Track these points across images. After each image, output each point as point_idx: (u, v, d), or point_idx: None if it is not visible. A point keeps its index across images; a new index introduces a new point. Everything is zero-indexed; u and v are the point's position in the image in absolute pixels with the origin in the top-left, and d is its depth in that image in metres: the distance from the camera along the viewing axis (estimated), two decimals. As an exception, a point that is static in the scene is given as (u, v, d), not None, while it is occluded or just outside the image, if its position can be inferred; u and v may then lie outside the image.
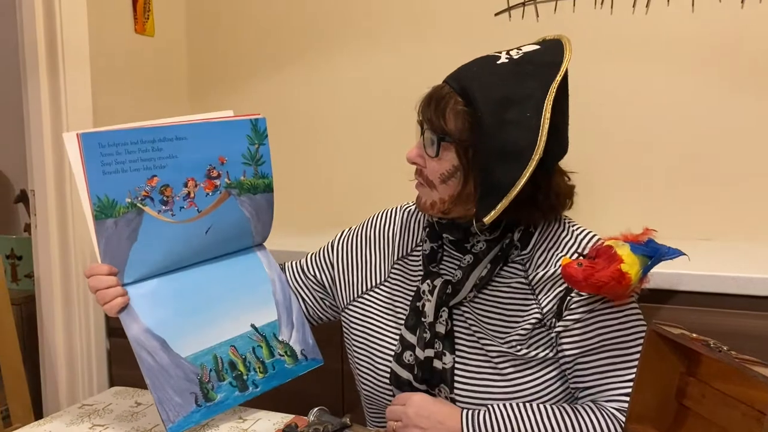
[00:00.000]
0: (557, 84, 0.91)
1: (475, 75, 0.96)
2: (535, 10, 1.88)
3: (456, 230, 1.04)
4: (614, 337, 0.97)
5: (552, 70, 0.92)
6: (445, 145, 0.97)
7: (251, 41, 2.25)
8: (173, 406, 0.99)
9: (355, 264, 1.18)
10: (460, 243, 1.04)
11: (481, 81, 0.94)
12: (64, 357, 1.86)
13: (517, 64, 0.95)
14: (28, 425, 1.11)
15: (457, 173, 0.98)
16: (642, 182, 1.83)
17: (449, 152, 0.98)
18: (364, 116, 2.11)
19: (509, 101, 0.91)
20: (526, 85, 0.92)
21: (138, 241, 1.01)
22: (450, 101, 0.96)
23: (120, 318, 1.01)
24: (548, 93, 0.90)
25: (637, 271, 0.91)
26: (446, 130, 0.96)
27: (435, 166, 0.99)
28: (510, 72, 0.94)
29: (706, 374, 0.83)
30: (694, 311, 1.33)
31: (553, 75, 0.92)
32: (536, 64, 0.94)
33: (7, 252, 2.17)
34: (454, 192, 0.99)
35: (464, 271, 1.02)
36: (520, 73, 0.93)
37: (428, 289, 1.05)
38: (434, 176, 1.00)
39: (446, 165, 0.98)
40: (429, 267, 1.07)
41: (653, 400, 0.86)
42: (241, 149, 1.11)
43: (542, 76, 0.92)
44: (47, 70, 1.79)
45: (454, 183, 0.98)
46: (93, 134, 0.95)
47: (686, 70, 1.76)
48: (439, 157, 0.98)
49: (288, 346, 1.15)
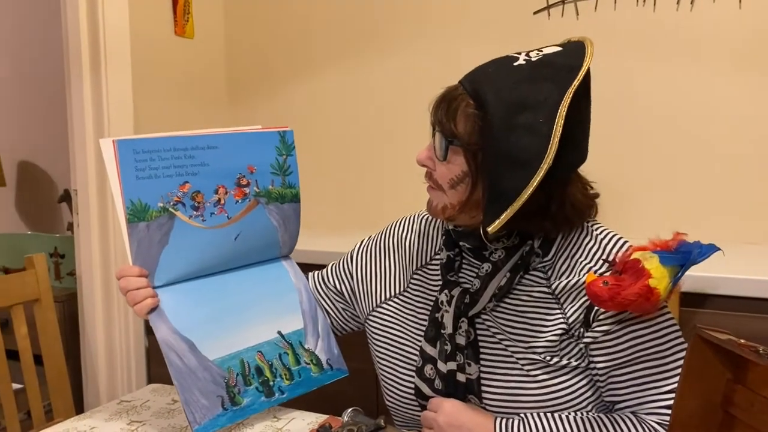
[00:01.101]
0: (574, 89, 0.86)
1: (489, 77, 0.91)
2: (575, 9, 1.85)
3: (473, 238, 1.00)
4: (648, 347, 0.92)
5: (570, 75, 0.87)
6: (454, 149, 0.94)
7: (288, 43, 2.27)
8: (200, 408, 1.00)
9: (374, 274, 1.16)
10: (478, 251, 1.01)
11: (495, 83, 0.90)
12: (104, 354, 1.90)
13: (534, 66, 0.90)
14: (69, 419, 1.13)
15: (466, 179, 0.94)
16: (687, 183, 1.78)
17: (458, 156, 0.94)
18: (397, 118, 2.11)
19: (522, 105, 0.87)
20: (541, 90, 0.87)
21: (169, 245, 1.03)
22: (461, 103, 0.92)
23: (149, 319, 1.03)
24: (564, 98, 0.85)
25: (667, 284, 0.86)
26: (455, 133, 0.93)
27: (444, 170, 0.96)
28: (526, 75, 0.89)
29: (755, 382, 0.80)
30: (735, 316, 1.29)
31: (571, 79, 0.86)
32: (554, 67, 0.89)
33: (50, 250, 2.23)
34: (462, 198, 0.95)
35: (482, 280, 0.98)
36: (537, 77, 0.88)
37: (446, 299, 1.01)
38: (443, 180, 0.96)
39: (455, 170, 0.95)
40: (447, 276, 1.03)
41: (697, 408, 0.83)
42: (270, 159, 1.13)
43: (560, 80, 0.87)
44: (90, 74, 1.83)
45: (463, 189, 0.95)
46: (128, 141, 0.98)
47: (734, 69, 1.71)
48: (448, 161, 0.95)
49: (314, 354, 1.15)
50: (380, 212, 2.15)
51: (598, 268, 0.95)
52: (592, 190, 1.00)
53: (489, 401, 0.98)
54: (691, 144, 1.77)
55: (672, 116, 1.78)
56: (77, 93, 1.83)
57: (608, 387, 0.95)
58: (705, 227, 1.77)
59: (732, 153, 1.73)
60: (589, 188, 0.99)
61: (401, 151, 2.11)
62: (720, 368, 0.82)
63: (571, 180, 0.95)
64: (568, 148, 0.87)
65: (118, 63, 1.85)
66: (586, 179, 1.00)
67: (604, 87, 1.84)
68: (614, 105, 1.82)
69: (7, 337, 1.50)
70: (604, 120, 1.86)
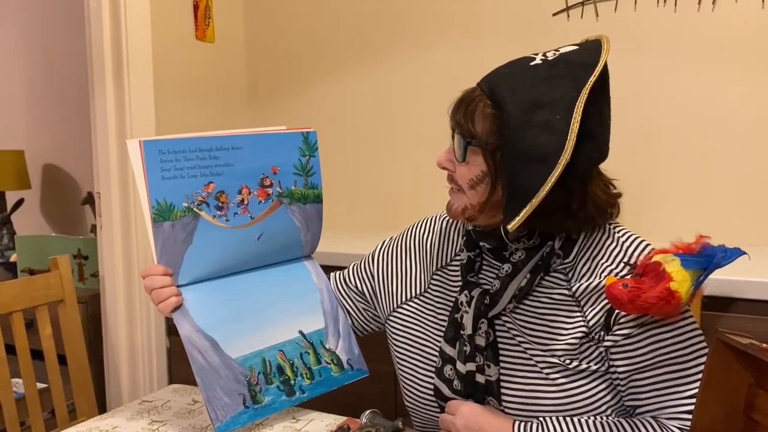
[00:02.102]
0: (591, 85, 0.86)
1: (506, 77, 0.92)
2: (594, 10, 1.84)
3: (493, 238, 1.00)
4: (670, 351, 0.91)
5: (587, 71, 0.88)
6: (473, 149, 0.94)
7: (308, 46, 2.28)
8: (222, 406, 1.01)
9: (395, 274, 1.17)
10: (498, 251, 1.01)
11: (512, 83, 0.90)
12: (126, 354, 1.92)
13: (550, 65, 0.90)
14: (92, 419, 1.15)
15: (486, 179, 0.94)
16: (712, 185, 1.76)
17: (477, 156, 0.94)
18: (417, 119, 2.11)
19: (539, 104, 0.87)
20: (557, 87, 0.87)
21: (193, 245, 1.04)
22: (479, 104, 0.93)
23: (173, 317, 1.04)
24: (581, 95, 0.86)
25: (689, 288, 0.86)
26: (474, 134, 0.94)
27: (464, 171, 0.96)
28: (542, 74, 0.90)
29: (778, 387, 0.79)
30: (760, 320, 1.27)
31: (587, 76, 0.87)
32: (571, 65, 0.89)
33: (74, 252, 2.26)
34: (482, 198, 0.95)
35: (502, 281, 0.98)
36: (553, 75, 0.89)
37: (466, 300, 1.02)
38: (463, 182, 0.97)
39: (475, 170, 0.95)
40: (467, 277, 1.04)
41: (719, 413, 0.82)
42: (293, 160, 1.14)
43: (576, 77, 0.87)
44: (113, 78, 1.85)
45: (483, 189, 0.95)
46: (154, 141, 1.00)
47: (758, 70, 1.69)
48: (467, 162, 0.96)
49: (334, 354, 1.16)
50: (399, 214, 2.15)
51: (619, 271, 0.95)
52: (615, 189, 0.99)
53: (508, 404, 0.98)
54: (714, 145, 1.75)
55: (695, 118, 1.76)
56: (100, 96, 1.86)
57: (629, 391, 0.94)
58: (730, 230, 1.74)
59: (756, 154, 1.70)
60: (611, 187, 0.99)
61: (420, 153, 2.11)
62: (742, 372, 0.81)
63: (591, 177, 0.95)
64: (586, 144, 0.87)
65: (141, 67, 1.88)
66: (607, 177, 0.99)
67: (624, 88, 1.82)
68: (634, 106, 1.81)
69: (31, 337, 1.53)
70: (624, 121, 1.85)
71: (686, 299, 0.86)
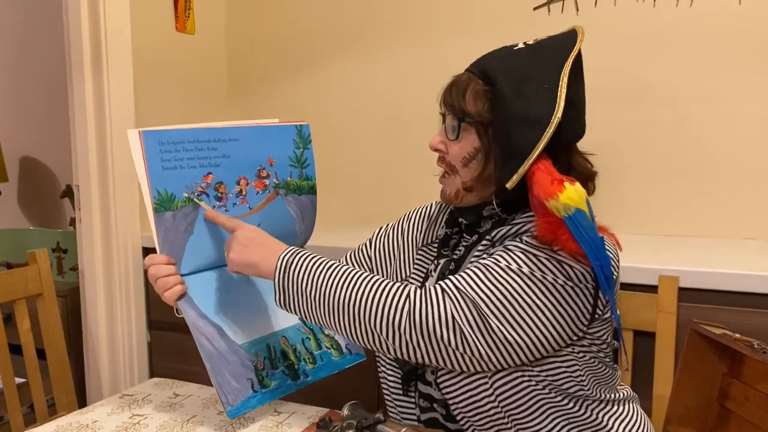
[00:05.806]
0: (572, 60, 0.94)
1: (494, 59, 1.00)
2: (575, 4, 1.85)
3: (470, 213, 1.04)
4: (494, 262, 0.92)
5: (566, 52, 0.96)
6: (466, 127, 1.00)
7: (290, 38, 2.27)
8: (232, 390, 1.04)
9: (390, 257, 1.21)
10: (473, 227, 1.06)
11: (501, 64, 0.98)
12: (106, 348, 1.91)
13: (533, 48, 0.99)
14: (72, 413, 1.14)
15: (478, 155, 0.99)
16: (685, 178, 1.79)
17: (470, 134, 1.00)
18: (401, 113, 2.11)
19: (527, 78, 0.94)
20: (542, 64, 0.96)
21: (194, 234, 1.07)
22: (470, 84, 0.99)
23: (179, 305, 1.06)
24: (564, 68, 0.94)
25: (579, 199, 0.86)
26: (466, 111, 0.99)
27: (456, 149, 1.01)
28: (527, 55, 0.98)
29: (750, 376, 0.81)
30: (737, 311, 1.29)
31: (567, 54, 0.95)
32: (551, 48, 0.98)
33: (53, 245, 2.24)
34: (475, 174, 1.00)
35: (467, 248, 1.04)
36: (537, 56, 0.97)
37: (433, 268, 1.08)
38: (456, 160, 1.01)
39: (467, 147, 1.00)
40: (441, 250, 1.09)
41: (694, 402, 0.84)
42: (288, 152, 1.18)
43: (558, 57, 0.96)
44: (92, 70, 1.83)
45: (476, 165, 1.00)
46: (153, 132, 1.02)
47: (732, 65, 1.71)
48: (460, 140, 1.00)
49: (333, 339, 1.21)
50: (387, 208, 2.16)
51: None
52: (592, 166, 1.04)
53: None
54: (689, 138, 1.77)
55: (670, 111, 1.78)
56: (79, 88, 1.84)
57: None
58: (706, 222, 1.77)
59: (728, 148, 1.73)
60: (589, 164, 1.04)
61: (404, 146, 2.12)
62: (716, 363, 0.83)
63: (574, 150, 1.01)
64: (572, 113, 0.94)
65: (120, 58, 1.86)
66: (585, 153, 1.04)
67: (603, 81, 1.84)
68: (613, 99, 1.83)
69: (10, 331, 1.51)
70: (604, 113, 1.87)
71: (571, 199, 0.86)
